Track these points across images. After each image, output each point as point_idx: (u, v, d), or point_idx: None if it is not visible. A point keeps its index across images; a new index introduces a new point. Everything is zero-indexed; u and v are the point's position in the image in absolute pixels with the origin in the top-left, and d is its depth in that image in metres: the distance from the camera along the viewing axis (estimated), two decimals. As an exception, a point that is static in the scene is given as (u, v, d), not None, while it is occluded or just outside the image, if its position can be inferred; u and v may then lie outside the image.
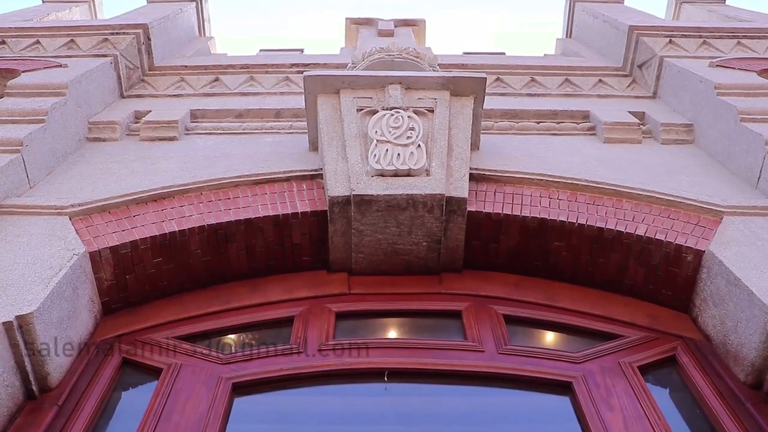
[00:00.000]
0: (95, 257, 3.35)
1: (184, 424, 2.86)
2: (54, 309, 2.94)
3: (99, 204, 3.59)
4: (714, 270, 3.34)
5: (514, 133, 4.89)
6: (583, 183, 3.90)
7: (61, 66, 5.00)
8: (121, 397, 3.13)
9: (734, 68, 5.12)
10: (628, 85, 5.79)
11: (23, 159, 3.78)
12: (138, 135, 4.77)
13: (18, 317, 2.74)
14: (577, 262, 3.82)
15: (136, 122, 4.94)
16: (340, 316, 3.70)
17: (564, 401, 3.15)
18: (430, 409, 3.31)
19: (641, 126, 4.87)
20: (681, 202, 3.71)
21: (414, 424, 3.23)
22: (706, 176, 4.18)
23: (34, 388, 2.86)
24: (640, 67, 5.79)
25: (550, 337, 3.64)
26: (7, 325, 2.71)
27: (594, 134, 4.92)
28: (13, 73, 4.97)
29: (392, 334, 3.75)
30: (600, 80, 5.82)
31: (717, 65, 5.20)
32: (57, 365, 2.96)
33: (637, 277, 3.70)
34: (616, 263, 3.73)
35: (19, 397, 2.81)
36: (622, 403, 3.01)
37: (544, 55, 7.46)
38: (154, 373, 3.19)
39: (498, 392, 3.31)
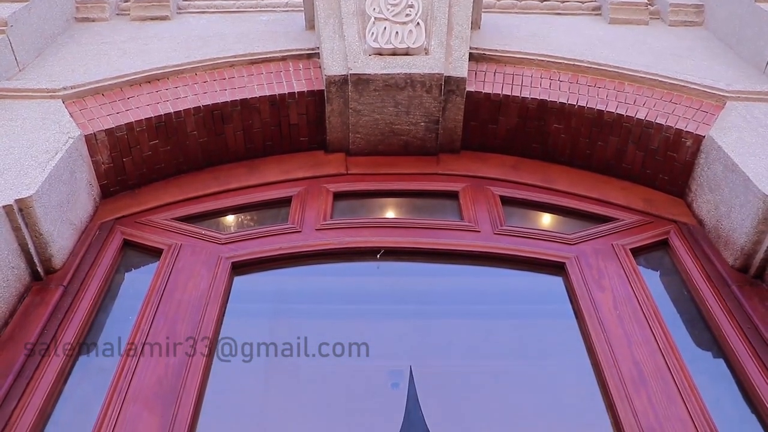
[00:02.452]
0: (91, 140, 3.32)
1: (186, 302, 2.95)
2: (53, 192, 2.96)
3: (92, 86, 3.51)
4: (712, 155, 3.32)
5: (516, 12, 4.72)
6: (585, 65, 3.81)
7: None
8: (123, 278, 3.21)
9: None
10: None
11: (9, 40, 3.65)
12: (128, 14, 4.60)
13: (18, 201, 2.76)
14: (575, 145, 3.80)
15: (126, 1, 4.74)
16: (338, 196, 3.73)
17: (557, 281, 3.25)
18: (425, 287, 3.42)
19: (649, 6, 4.69)
20: (684, 86, 3.64)
21: (410, 302, 3.34)
22: (713, 60, 4.07)
23: (39, 269, 2.92)
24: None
25: (545, 219, 3.69)
26: (8, 209, 2.73)
27: (599, 14, 4.75)
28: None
29: (389, 214, 3.80)
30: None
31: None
32: (60, 247, 3.02)
33: (635, 161, 3.69)
34: (615, 147, 3.71)
35: (25, 278, 2.89)
36: (613, 283, 3.09)
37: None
38: (155, 253, 3.25)
39: (492, 272, 3.40)
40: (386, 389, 2.91)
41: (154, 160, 3.62)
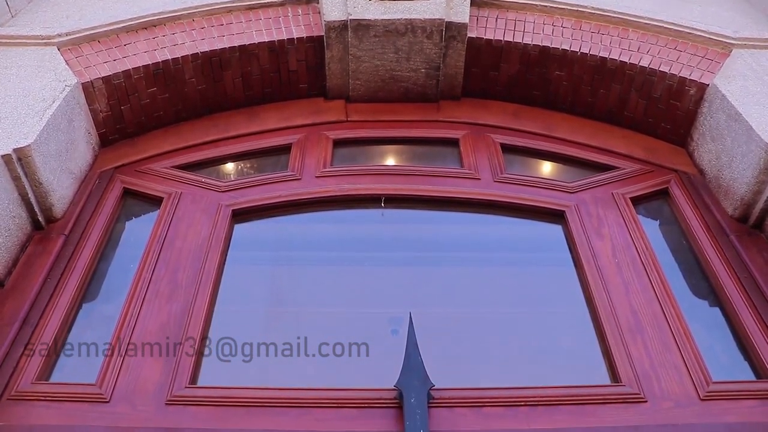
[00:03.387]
0: (88, 88, 3.28)
1: (187, 250, 2.97)
2: (51, 141, 2.94)
3: (87, 33, 3.45)
4: (716, 104, 3.29)
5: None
6: (589, 11, 3.72)
7: None
8: (124, 226, 3.23)
9: None
10: None
11: (-1, -17, 3.57)
12: (123, -44, 4.47)
13: (16, 150, 2.75)
14: (577, 93, 3.76)
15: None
16: (338, 143, 3.71)
17: (556, 229, 3.26)
18: (425, 234, 3.43)
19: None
20: (690, 33, 3.57)
21: (409, 249, 3.36)
22: (720, 6, 3.98)
23: (40, 218, 2.93)
24: None
25: (546, 167, 3.68)
26: (6, 158, 2.72)
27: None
28: None
29: (389, 161, 3.79)
30: None
31: None
32: (60, 196, 3.02)
33: (637, 109, 3.66)
34: (617, 95, 3.67)
35: (27, 227, 2.90)
36: (612, 232, 3.10)
37: None
38: (155, 202, 3.26)
39: (492, 219, 3.41)
40: (386, 336, 2.95)
41: (153, 107, 3.58)
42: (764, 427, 2.30)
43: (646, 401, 2.38)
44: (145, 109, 3.55)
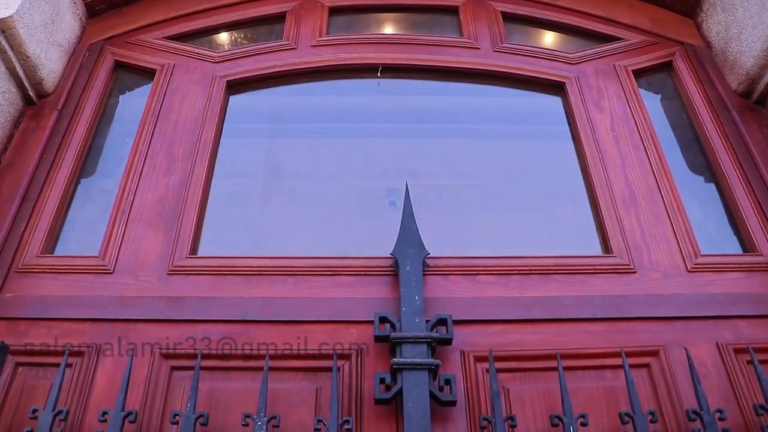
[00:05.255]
0: (70, -48, 3.13)
1: (182, 122, 2.94)
2: (35, 11, 2.83)
3: None
4: (729, -29, 3.14)
5: None
6: None
7: None
8: (118, 100, 3.18)
9: None
10: None
11: None
12: None
13: (-1, 21, 2.65)
14: (583, -43, 3.58)
15: None
16: (334, 11, 3.58)
17: (556, 101, 3.21)
18: (423, 105, 3.39)
19: None
20: None
21: (406, 120, 3.34)
22: None
23: (30, 93, 2.87)
24: None
25: (548, 38, 3.57)
26: (-10, 31, 2.64)
27: None
28: None
29: (387, 29, 3.68)
30: None
31: None
32: (49, 70, 2.94)
33: (645, -25, 3.50)
34: (625, -41, 3.50)
35: (18, 102, 2.85)
36: (612, 105, 3.06)
37: None
38: (148, 74, 3.19)
39: (491, 90, 3.36)
40: (383, 207, 2.99)
41: (140, -27, 3.42)
42: (746, 297, 2.38)
43: (635, 272, 2.45)
44: (131, -24, 3.40)
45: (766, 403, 1.96)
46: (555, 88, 3.22)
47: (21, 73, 2.79)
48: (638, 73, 3.23)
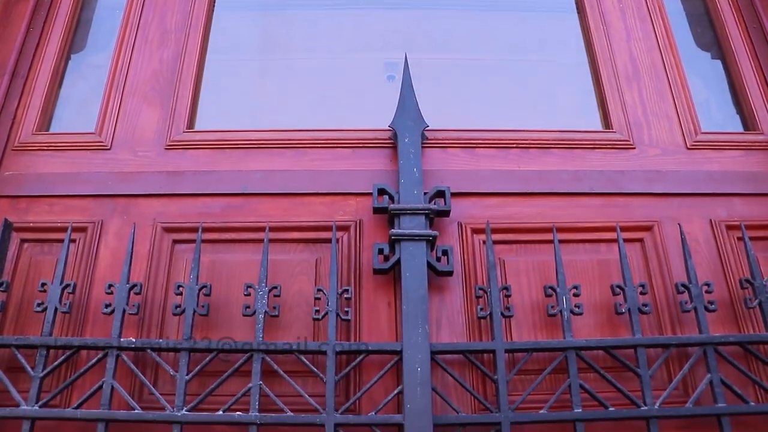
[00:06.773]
0: None
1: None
2: None
3: None
4: None
5: None
6: None
7: None
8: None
9: None
10: None
11: None
12: None
13: None
14: None
15: None
16: None
17: (561, -29, 3.08)
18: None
19: None
20: None
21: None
22: None
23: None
24: None
25: None
26: None
27: None
28: None
29: None
30: None
31: None
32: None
33: None
34: None
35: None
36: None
37: None
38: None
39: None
40: (382, 81, 2.94)
41: None
42: (743, 175, 2.38)
43: (634, 148, 2.44)
44: None
45: (751, 278, 2.01)
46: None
47: (-3, -64, 2.65)
48: None
